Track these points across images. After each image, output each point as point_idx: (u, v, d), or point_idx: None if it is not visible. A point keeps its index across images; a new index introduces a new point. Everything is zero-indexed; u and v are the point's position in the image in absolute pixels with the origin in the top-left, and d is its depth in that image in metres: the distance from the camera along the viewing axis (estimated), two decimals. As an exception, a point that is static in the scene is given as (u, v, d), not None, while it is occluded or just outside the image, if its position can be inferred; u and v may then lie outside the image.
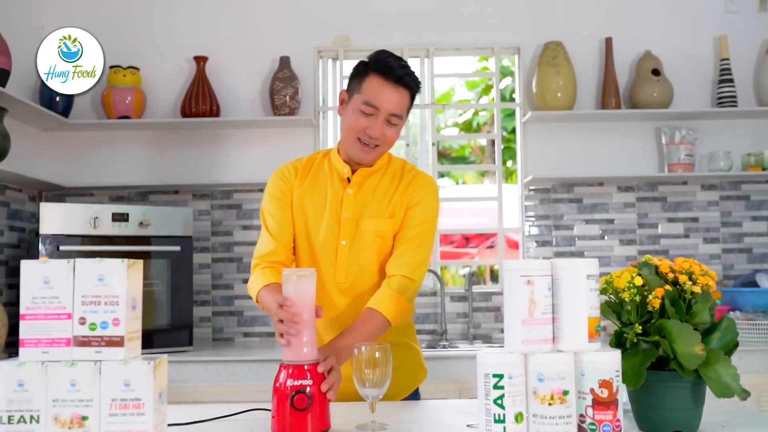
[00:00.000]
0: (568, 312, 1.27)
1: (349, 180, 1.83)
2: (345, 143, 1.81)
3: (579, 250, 3.49)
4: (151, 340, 2.88)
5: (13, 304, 2.98)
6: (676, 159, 3.35)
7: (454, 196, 6.70)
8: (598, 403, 1.23)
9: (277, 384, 1.41)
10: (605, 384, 1.23)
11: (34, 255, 2.90)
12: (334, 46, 3.54)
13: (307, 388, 1.38)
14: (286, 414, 1.38)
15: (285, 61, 3.39)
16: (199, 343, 3.25)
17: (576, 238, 3.50)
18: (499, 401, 1.23)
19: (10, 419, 1.14)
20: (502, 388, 1.23)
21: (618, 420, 1.24)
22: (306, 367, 1.41)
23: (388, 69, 1.72)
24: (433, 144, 3.58)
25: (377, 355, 1.42)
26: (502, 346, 1.32)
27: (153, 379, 1.16)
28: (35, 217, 3.24)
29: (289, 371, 1.40)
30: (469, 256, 7.18)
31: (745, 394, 1.28)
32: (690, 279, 1.36)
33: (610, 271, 1.42)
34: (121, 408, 1.15)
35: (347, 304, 1.80)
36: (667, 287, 1.34)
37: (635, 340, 1.34)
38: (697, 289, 1.34)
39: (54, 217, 2.85)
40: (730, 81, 3.41)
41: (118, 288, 1.17)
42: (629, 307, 1.36)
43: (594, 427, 1.23)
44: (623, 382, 1.28)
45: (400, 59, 1.77)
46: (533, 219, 3.52)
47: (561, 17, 3.54)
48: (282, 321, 1.43)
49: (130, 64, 3.38)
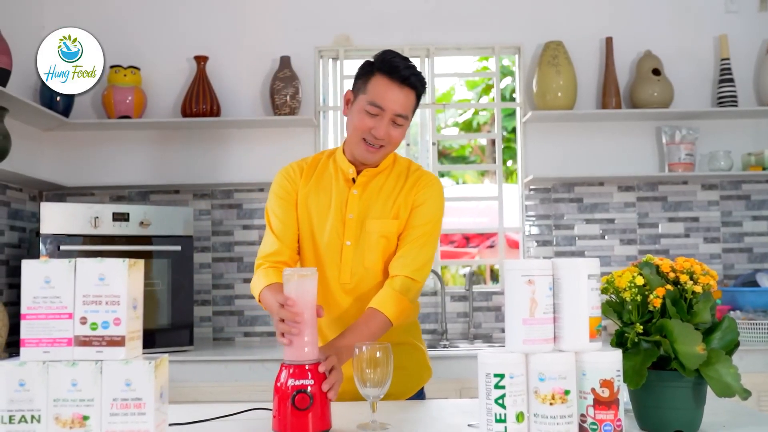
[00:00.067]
0: (569, 311, 1.27)
1: (354, 180, 1.82)
2: (350, 143, 1.80)
3: (579, 250, 3.49)
4: (151, 339, 2.88)
5: (13, 303, 2.99)
6: (677, 159, 3.35)
7: (454, 196, 6.67)
8: (599, 403, 1.23)
9: (278, 384, 1.41)
10: (606, 384, 1.23)
11: (34, 255, 2.90)
12: (335, 46, 3.54)
13: (309, 388, 1.38)
14: (287, 414, 1.38)
15: (285, 61, 3.39)
16: (200, 343, 3.25)
17: (576, 238, 3.50)
18: (500, 401, 1.23)
19: (11, 419, 1.14)
20: (503, 387, 1.23)
21: (619, 420, 1.24)
22: (307, 367, 1.41)
23: (394, 69, 1.71)
24: (433, 144, 3.58)
25: (378, 354, 1.42)
26: (502, 346, 1.32)
27: (154, 378, 1.16)
28: (36, 217, 3.24)
29: (291, 371, 1.40)
30: (470, 256, 7.18)
31: (746, 394, 1.28)
32: (691, 279, 1.36)
33: (610, 271, 1.42)
34: (122, 408, 1.15)
35: (351, 303, 1.80)
36: (668, 287, 1.34)
37: (636, 340, 1.34)
38: (698, 288, 1.34)
39: (55, 217, 2.85)
40: (731, 81, 3.41)
41: (119, 288, 1.17)
42: (630, 306, 1.36)
43: (595, 426, 1.23)
44: (624, 381, 1.28)
45: (406, 59, 1.75)
46: (534, 219, 3.52)
47: (561, 17, 3.54)
48: (283, 320, 1.42)
49: (131, 63, 3.38)
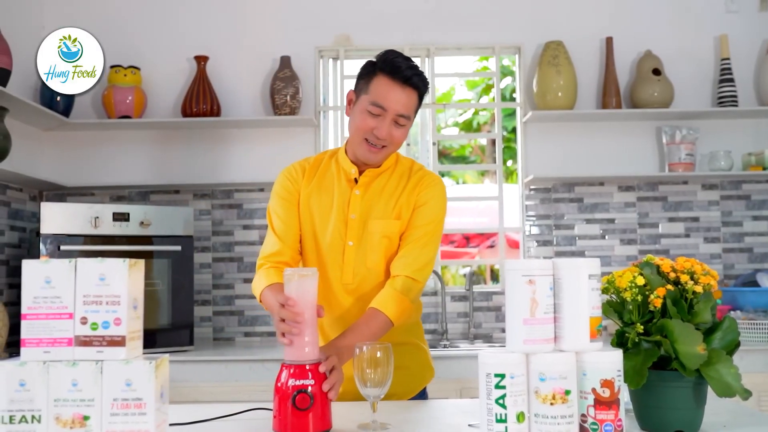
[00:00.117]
0: (570, 311, 1.27)
1: (356, 180, 1.82)
2: (352, 144, 1.79)
3: (580, 250, 3.49)
4: (152, 339, 2.88)
5: (14, 303, 2.99)
6: (677, 158, 3.35)
7: (454, 196, 6.66)
8: (599, 403, 1.23)
9: (278, 384, 1.40)
10: (607, 384, 1.23)
11: (34, 255, 2.90)
12: (335, 46, 3.54)
13: (309, 388, 1.38)
14: (288, 414, 1.38)
15: (285, 61, 3.39)
16: (200, 343, 3.25)
17: (576, 238, 3.49)
18: (500, 401, 1.23)
19: (11, 419, 1.14)
20: (503, 387, 1.23)
21: (620, 420, 1.24)
22: (308, 367, 1.40)
23: (396, 69, 1.70)
24: (433, 143, 3.58)
25: (378, 354, 1.41)
26: (503, 346, 1.32)
27: (154, 378, 1.16)
28: (36, 217, 3.24)
29: (291, 371, 1.40)
30: (470, 256, 7.18)
31: (746, 394, 1.28)
32: (692, 279, 1.36)
33: (610, 271, 1.42)
34: (122, 408, 1.15)
35: (353, 302, 1.80)
36: (669, 287, 1.34)
37: (637, 340, 1.34)
38: (698, 288, 1.34)
39: (55, 217, 2.85)
40: (731, 81, 3.40)
41: (119, 288, 1.17)
42: (631, 306, 1.36)
43: (596, 426, 1.23)
44: (625, 381, 1.28)
45: (408, 59, 1.74)
46: (534, 218, 3.52)
47: (562, 17, 3.54)
48: (284, 320, 1.42)
49: (131, 63, 3.38)
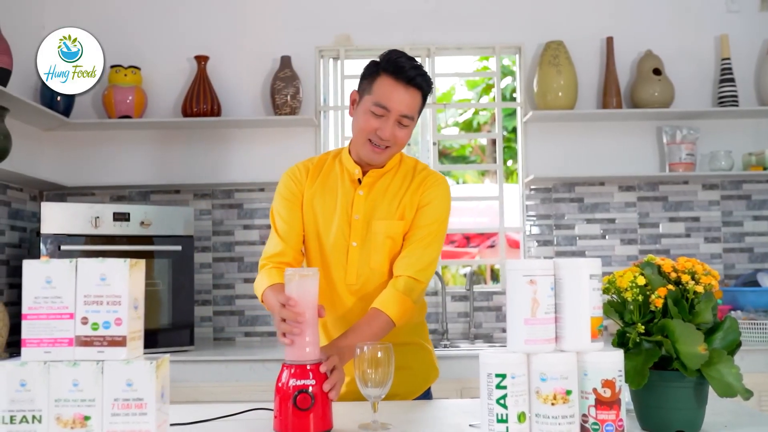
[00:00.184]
0: (571, 312, 1.27)
1: (360, 181, 1.81)
2: (356, 144, 1.78)
3: (580, 250, 3.48)
4: (152, 339, 2.88)
5: (14, 303, 2.99)
6: (677, 158, 3.35)
7: (454, 196, 6.65)
8: (600, 403, 1.23)
9: (279, 384, 1.40)
10: (608, 384, 1.23)
11: (35, 255, 2.90)
12: (335, 46, 3.54)
13: (310, 388, 1.38)
14: (289, 414, 1.37)
15: (286, 61, 3.39)
16: (200, 343, 3.24)
17: (577, 238, 3.49)
18: (501, 401, 1.23)
19: (12, 419, 1.14)
20: (504, 387, 1.23)
21: (621, 420, 1.24)
22: (309, 367, 1.40)
23: (400, 69, 1.69)
24: (434, 143, 3.58)
25: (379, 354, 1.41)
26: (503, 346, 1.32)
27: (155, 378, 1.16)
28: (36, 217, 3.24)
29: (292, 371, 1.40)
30: (470, 256, 7.18)
31: (747, 394, 1.28)
32: (693, 278, 1.36)
33: (611, 271, 1.42)
34: (123, 408, 1.15)
35: (356, 302, 1.80)
36: (670, 287, 1.34)
37: (638, 340, 1.33)
38: (699, 288, 1.34)
39: (55, 217, 2.85)
40: (731, 80, 3.40)
41: (120, 288, 1.16)
42: (632, 306, 1.36)
43: (597, 426, 1.23)
44: (626, 381, 1.28)
45: (412, 59, 1.72)
46: (534, 218, 3.52)
47: (562, 17, 3.54)
48: (285, 320, 1.42)
49: (131, 63, 3.38)
